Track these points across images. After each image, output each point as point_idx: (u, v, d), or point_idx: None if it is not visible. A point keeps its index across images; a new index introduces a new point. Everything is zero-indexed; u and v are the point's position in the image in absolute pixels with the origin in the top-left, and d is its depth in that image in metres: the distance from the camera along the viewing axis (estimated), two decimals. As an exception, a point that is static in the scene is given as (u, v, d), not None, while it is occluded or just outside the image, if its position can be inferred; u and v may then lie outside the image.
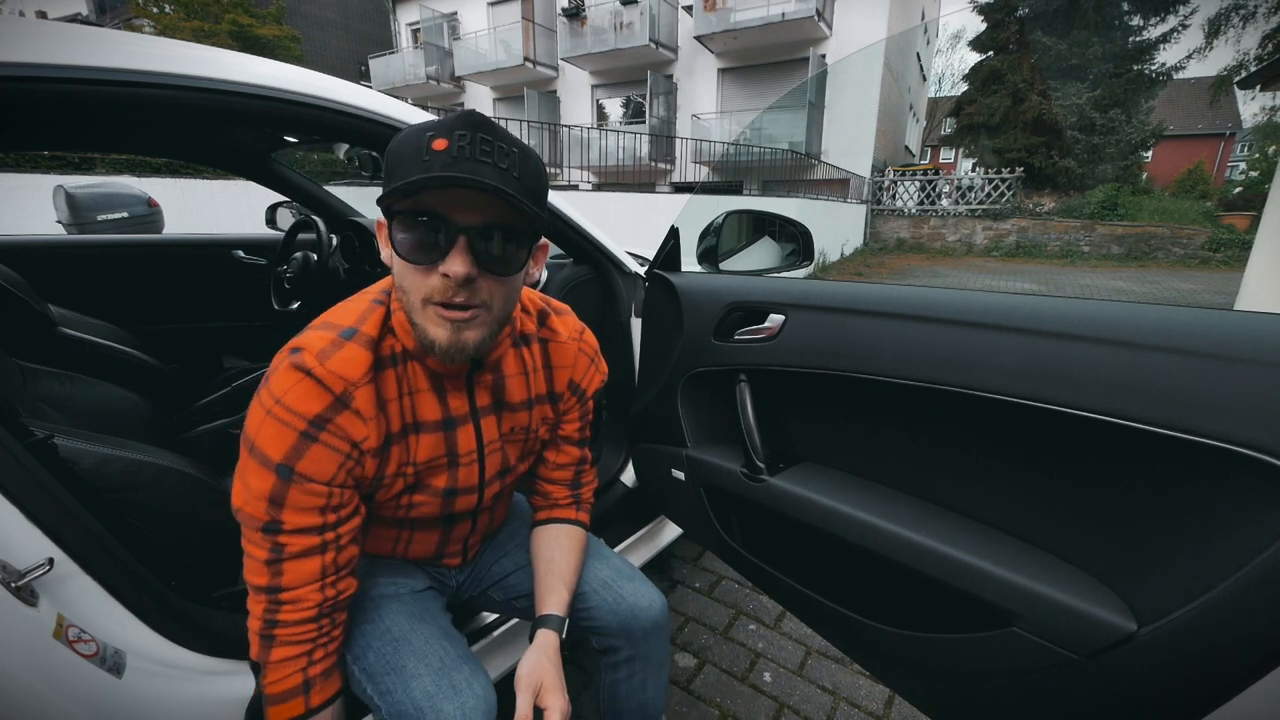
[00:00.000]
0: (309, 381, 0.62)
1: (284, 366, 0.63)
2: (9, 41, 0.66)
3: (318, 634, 0.69)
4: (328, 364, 0.63)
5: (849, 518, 0.90)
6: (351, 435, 0.65)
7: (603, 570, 0.92)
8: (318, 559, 0.67)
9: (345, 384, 0.64)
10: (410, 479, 0.75)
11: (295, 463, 0.63)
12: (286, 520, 0.64)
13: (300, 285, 1.90)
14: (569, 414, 0.91)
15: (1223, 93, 15.39)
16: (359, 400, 0.65)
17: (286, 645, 0.67)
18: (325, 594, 0.68)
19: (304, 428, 0.62)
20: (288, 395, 0.62)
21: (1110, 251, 11.69)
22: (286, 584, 0.66)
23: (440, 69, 16.69)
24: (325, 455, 0.64)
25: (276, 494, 0.63)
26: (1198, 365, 0.59)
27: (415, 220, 0.59)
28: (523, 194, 0.59)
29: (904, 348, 0.84)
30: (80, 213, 2.45)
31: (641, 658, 0.89)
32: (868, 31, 11.89)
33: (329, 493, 0.66)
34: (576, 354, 0.87)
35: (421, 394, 0.73)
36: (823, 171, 12.17)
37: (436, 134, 0.57)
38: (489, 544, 0.99)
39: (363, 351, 0.66)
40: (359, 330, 0.67)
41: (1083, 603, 0.66)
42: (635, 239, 1.92)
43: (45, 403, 1.08)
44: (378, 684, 0.72)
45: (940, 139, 21.79)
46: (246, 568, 0.67)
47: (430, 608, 0.83)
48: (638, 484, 1.47)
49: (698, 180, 12.13)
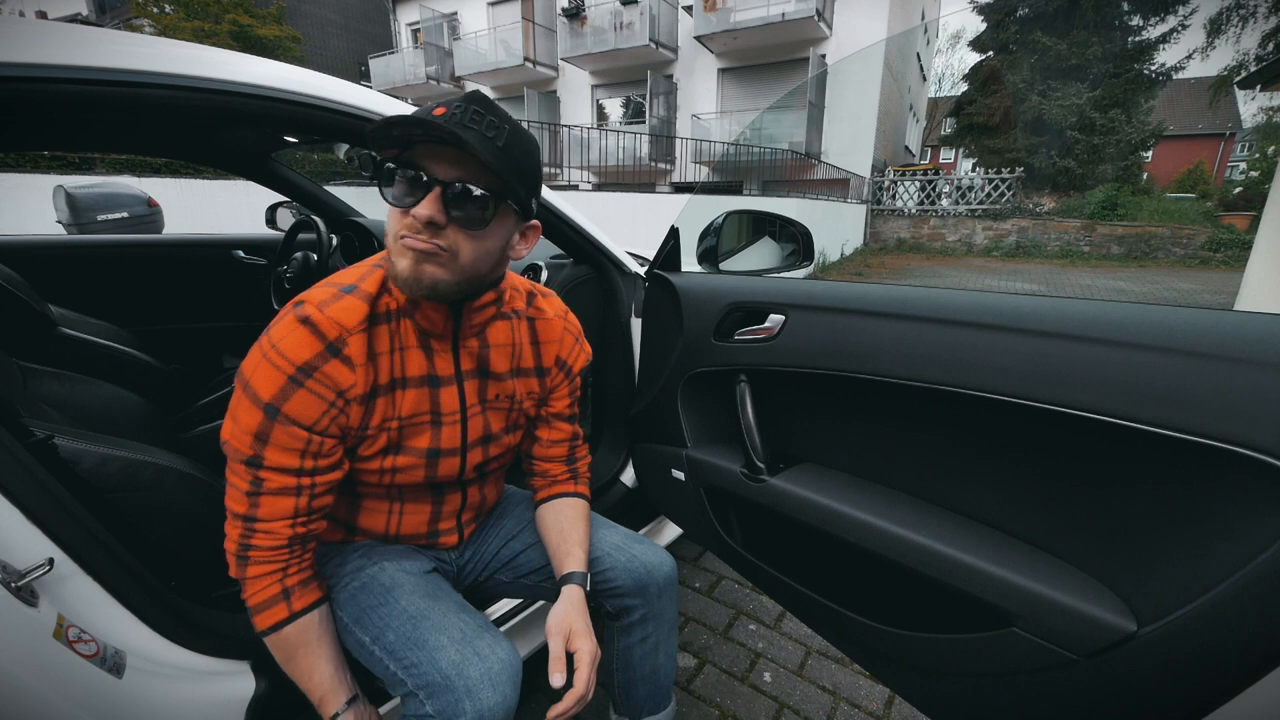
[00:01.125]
0: (305, 329, 0.68)
1: (287, 317, 0.70)
2: (9, 41, 0.66)
3: (289, 556, 0.74)
4: (326, 311, 0.70)
5: (849, 518, 0.90)
6: (339, 383, 0.70)
7: (613, 536, 0.97)
8: (291, 499, 0.72)
9: (340, 329, 0.70)
10: (394, 435, 0.78)
11: (282, 404, 0.68)
12: (268, 457, 0.69)
13: (300, 285, 1.89)
14: (557, 390, 0.95)
15: (1223, 93, 15.38)
16: (351, 346, 0.71)
17: (261, 564, 0.73)
18: (295, 530, 0.73)
19: (292, 372, 0.68)
20: (283, 341, 0.68)
21: (1110, 251, 11.69)
22: (261, 515, 0.71)
23: (440, 69, 16.69)
24: (310, 400, 0.69)
25: (262, 430, 0.68)
26: (1198, 365, 0.59)
27: (401, 170, 0.66)
28: (503, 162, 0.65)
29: (904, 348, 0.84)
30: (80, 213, 2.45)
31: (655, 617, 0.94)
32: (868, 31, 11.88)
33: (309, 438, 0.70)
34: (562, 331, 0.93)
35: (410, 350, 0.78)
36: (823, 171, 12.17)
37: (441, 104, 0.65)
38: (493, 530, 1.00)
39: (360, 303, 0.72)
40: (359, 286, 0.73)
41: (1082, 603, 0.66)
42: (635, 239, 1.92)
43: (45, 403, 1.08)
44: (401, 659, 0.73)
45: (940, 139, 21.77)
46: (228, 495, 0.72)
47: (441, 586, 0.85)
48: (638, 484, 1.47)
49: (698, 180, 12.13)
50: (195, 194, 4.42)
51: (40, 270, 1.61)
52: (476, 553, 0.99)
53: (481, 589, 1.01)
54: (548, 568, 0.93)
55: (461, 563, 0.98)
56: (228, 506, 0.73)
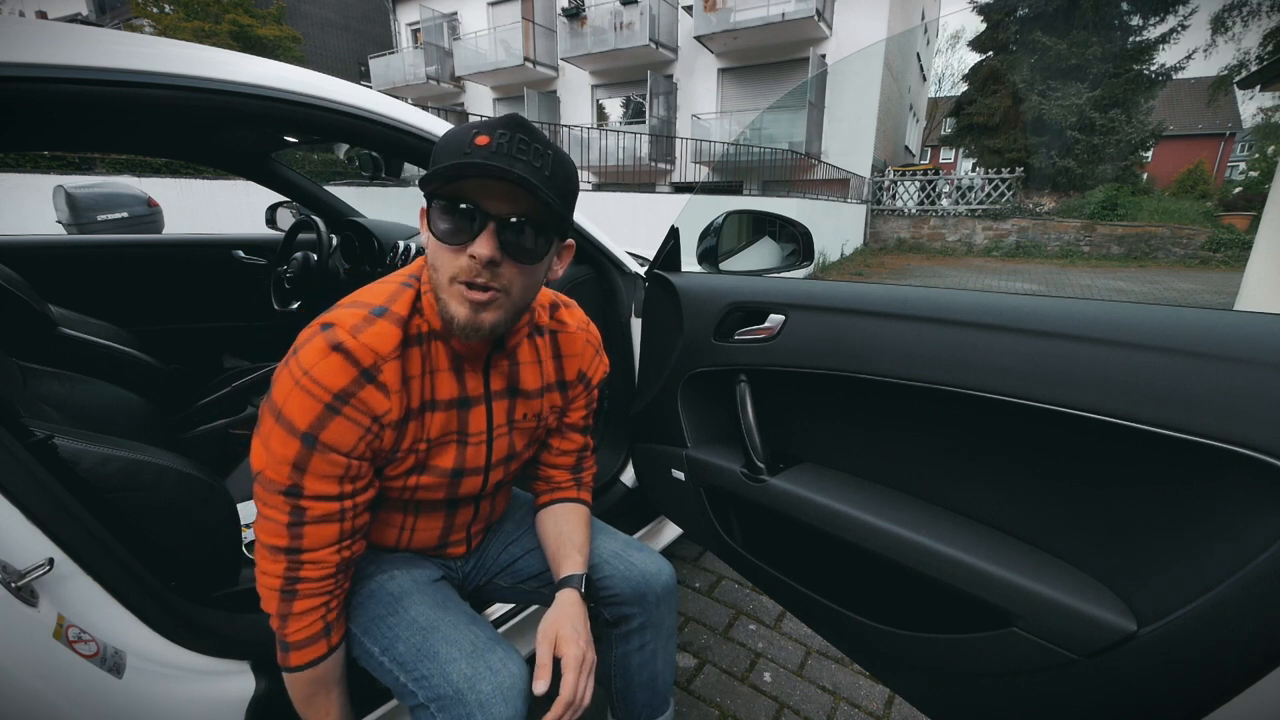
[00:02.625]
0: (337, 355, 0.65)
1: (316, 341, 0.66)
2: (9, 41, 0.66)
3: (335, 587, 0.74)
4: (360, 337, 0.67)
5: (849, 518, 0.90)
6: (374, 409, 0.69)
7: (612, 543, 0.97)
8: (336, 525, 0.71)
9: (375, 357, 0.67)
10: (421, 456, 0.78)
11: (319, 433, 0.66)
12: (308, 486, 0.67)
13: (300, 285, 1.90)
14: (576, 402, 0.95)
15: (1222, 93, 15.38)
16: (386, 373, 0.68)
17: (309, 598, 0.71)
18: (342, 555, 0.72)
19: (329, 400, 0.65)
20: (316, 368, 0.65)
21: (1110, 251, 11.68)
22: (307, 545, 0.70)
23: (440, 69, 16.68)
24: (347, 427, 0.67)
25: (300, 460, 0.66)
26: (1198, 365, 0.59)
27: (452, 205, 0.64)
28: (552, 191, 0.64)
29: (904, 348, 0.84)
30: (80, 213, 2.45)
31: (653, 625, 0.93)
32: (868, 31, 11.88)
33: (348, 464, 0.69)
34: (584, 344, 0.92)
35: (441, 373, 0.76)
36: (823, 171, 12.17)
37: (480, 131, 0.62)
38: (494, 534, 1.00)
39: (393, 328, 0.69)
40: (390, 309, 0.70)
41: (1083, 603, 0.66)
42: (635, 239, 1.92)
43: (45, 403, 1.08)
44: (412, 672, 0.73)
45: (940, 139, 21.76)
46: (263, 529, 0.70)
47: (450, 595, 0.85)
48: (638, 484, 1.47)
49: (698, 180, 12.12)
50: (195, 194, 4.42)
51: (40, 270, 1.61)
52: (480, 559, 0.99)
53: (482, 593, 1.01)
54: (546, 573, 0.93)
55: (467, 570, 0.98)
56: (263, 541, 0.70)
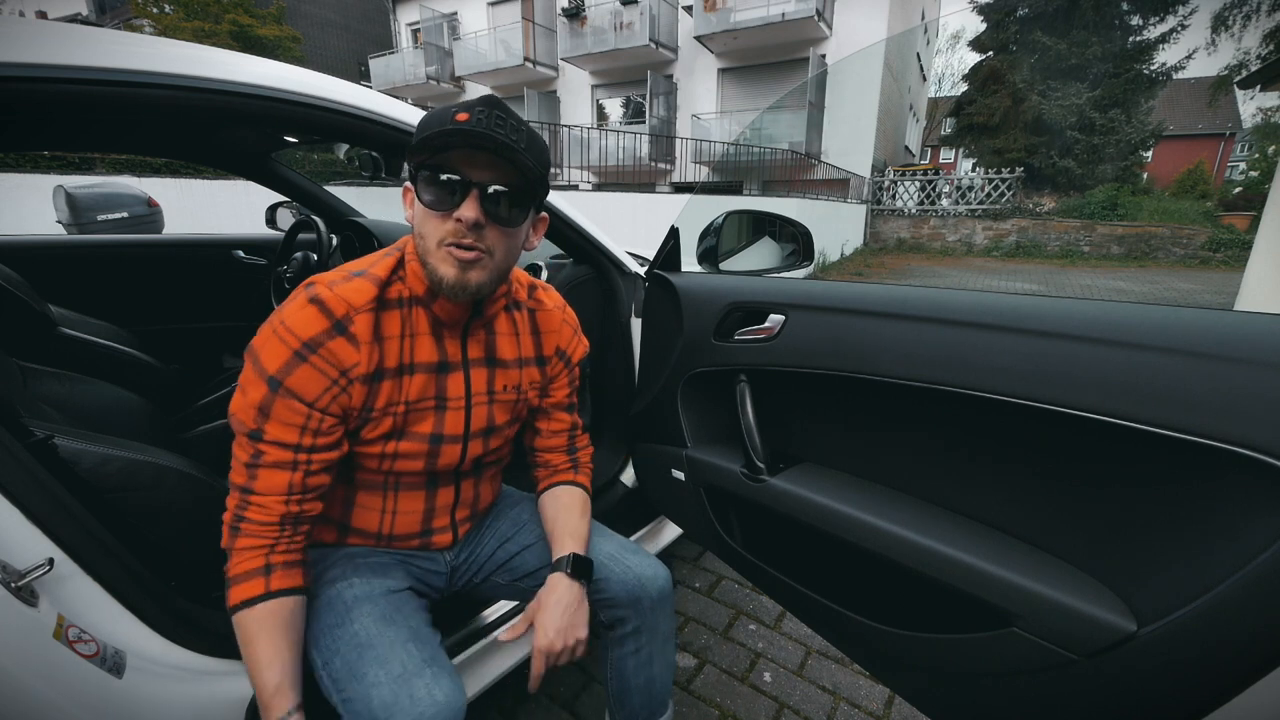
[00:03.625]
0: (313, 307, 0.71)
1: (298, 296, 0.72)
2: (9, 41, 0.66)
3: (279, 534, 0.74)
4: (335, 289, 0.73)
5: (849, 518, 0.90)
6: (342, 361, 0.73)
7: (608, 545, 0.97)
8: (287, 474, 0.73)
9: (348, 307, 0.72)
10: (399, 419, 0.80)
11: (285, 378, 0.70)
12: (268, 431, 0.71)
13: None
14: (557, 380, 0.98)
15: (1223, 93, 15.38)
16: (357, 324, 0.73)
17: (249, 537, 0.73)
18: (289, 508, 0.74)
19: (298, 347, 0.70)
20: (291, 318, 0.71)
21: (1110, 251, 11.69)
22: (257, 489, 0.73)
23: (440, 69, 16.68)
24: (313, 376, 0.71)
25: (265, 403, 0.71)
26: (1198, 365, 0.59)
27: (437, 175, 0.69)
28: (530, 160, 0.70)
29: (904, 348, 0.84)
30: (80, 213, 2.45)
31: (649, 629, 0.93)
32: (868, 31, 11.88)
33: (309, 413, 0.72)
34: (561, 323, 0.96)
35: (421, 337, 0.80)
36: (823, 171, 12.16)
37: (459, 109, 0.68)
38: (488, 530, 1.00)
39: (369, 285, 0.75)
40: (369, 271, 0.77)
41: (1082, 603, 0.66)
42: (635, 239, 1.92)
43: (45, 403, 1.08)
44: (341, 691, 0.72)
45: (940, 139, 21.75)
46: (232, 468, 0.74)
47: (404, 608, 0.82)
48: (638, 484, 1.47)
49: (698, 180, 12.12)
50: (195, 194, 4.42)
51: (40, 270, 1.61)
52: (472, 554, 0.98)
53: (478, 591, 1.00)
54: (540, 571, 0.93)
55: (456, 564, 0.97)
56: (230, 479, 0.74)
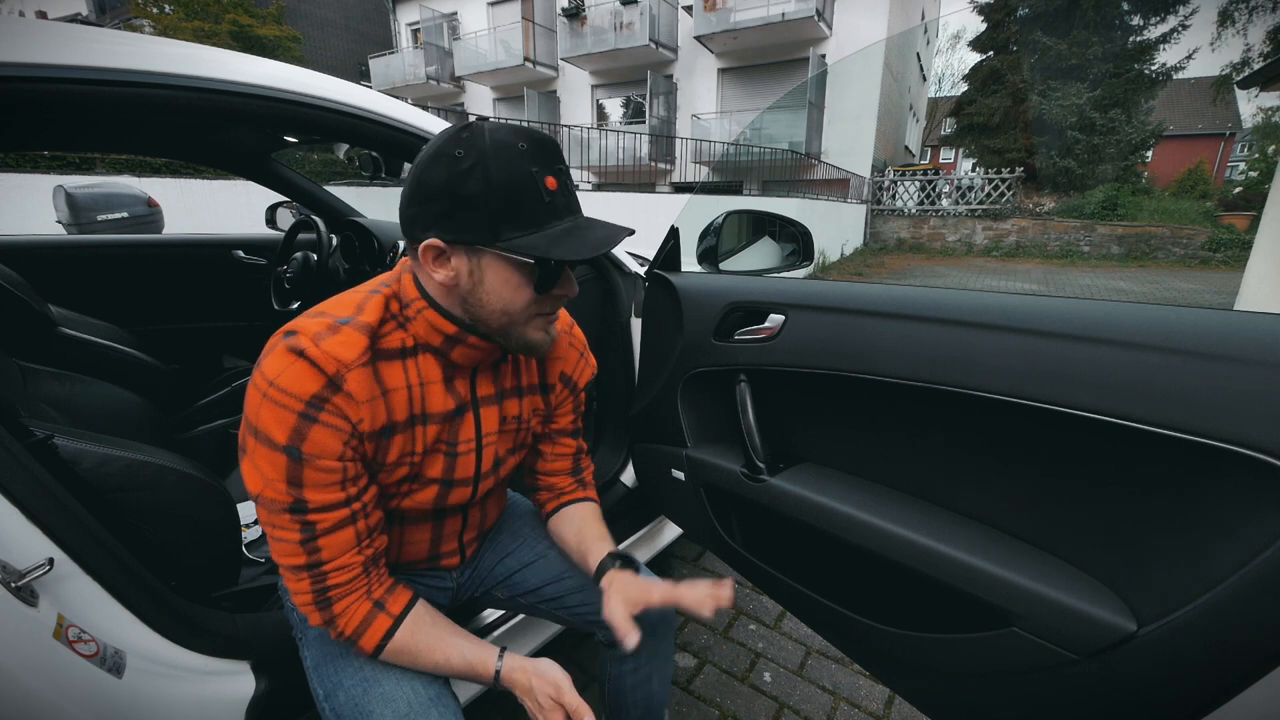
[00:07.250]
0: (302, 363, 0.62)
1: (278, 349, 0.63)
2: (9, 41, 0.66)
3: (368, 579, 0.71)
4: (322, 345, 0.63)
5: (849, 518, 0.89)
6: (349, 415, 0.65)
7: None
8: (350, 529, 0.68)
9: (339, 365, 0.63)
10: (416, 467, 0.76)
11: (300, 444, 0.62)
12: (311, 500, 0.64)
13: (300, 285, 1.90)
14: (562, 406, 0.92)
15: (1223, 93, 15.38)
16: (351, 383, 0.64)
17: (344, 598, 0.69)
18: (364, 554, 0.70)
19: (301, 409, 0.62)
20: (281, 377, 0.61)
21: (1110, 251, 11.68)
22: (327, 557, 0.67)
23: (440, 69, 16.68)
24: (327, 434, 0.63)
25: (292, 475, 0.63)
26: (1198, 365, 0.59)
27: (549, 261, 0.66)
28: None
29: (904, 348, 0.84)
30: (80, 213, 2.45)
31: (648, 650, 0.91)
32: (868, 31, 11.88)
33: (341, 467, 0.65)
34: (567, 347, 0.90)
35: (432, 385, 0.73)
36: (823, 171, 12.16)
37: (541, 170, 0.62)
38: (490, 545, 0.99)
39: (358, 335, 0.66)
40: (355, 318, 0.67)
41: (1083, 603, 0.66)
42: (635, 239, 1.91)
43: (45, 403, 1.08)
44: None
45: (940, 139, 21.77)
46: (277, 550, 0.67)
47: None
48: (638, 484, 1.47)
49: (698, 180, 12.12)
50: (195, 194, 4.42)
51: (40, 270, 1.61)
52: (475, 569, 0.97)
53: (479, 602, 1.00)
54: (548, 588, 0.93)
55: (462, 580, 0.97)
56: (281, 563, 0.68)
